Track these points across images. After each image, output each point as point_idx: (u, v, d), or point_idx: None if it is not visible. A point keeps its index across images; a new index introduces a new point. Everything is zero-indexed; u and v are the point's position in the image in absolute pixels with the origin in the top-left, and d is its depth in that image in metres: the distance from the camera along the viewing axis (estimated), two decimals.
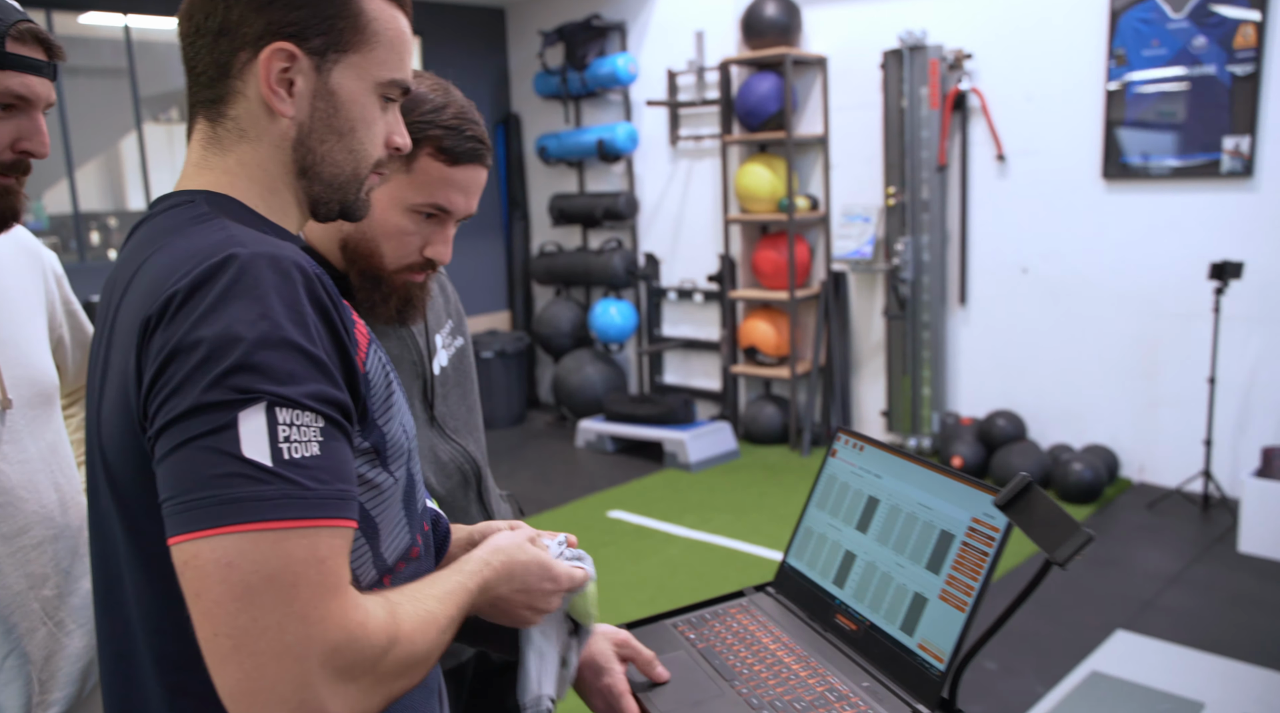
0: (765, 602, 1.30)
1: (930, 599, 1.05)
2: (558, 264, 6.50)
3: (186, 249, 0.77)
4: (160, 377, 0.73)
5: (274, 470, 0.71)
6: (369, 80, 0.89)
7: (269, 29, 0.84)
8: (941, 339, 5.17)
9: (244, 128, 0.87)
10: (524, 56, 6.77)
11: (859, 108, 5.31)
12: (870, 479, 1.21)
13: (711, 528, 4.44)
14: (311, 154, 0.88)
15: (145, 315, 0.75)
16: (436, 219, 1.19)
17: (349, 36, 0.86)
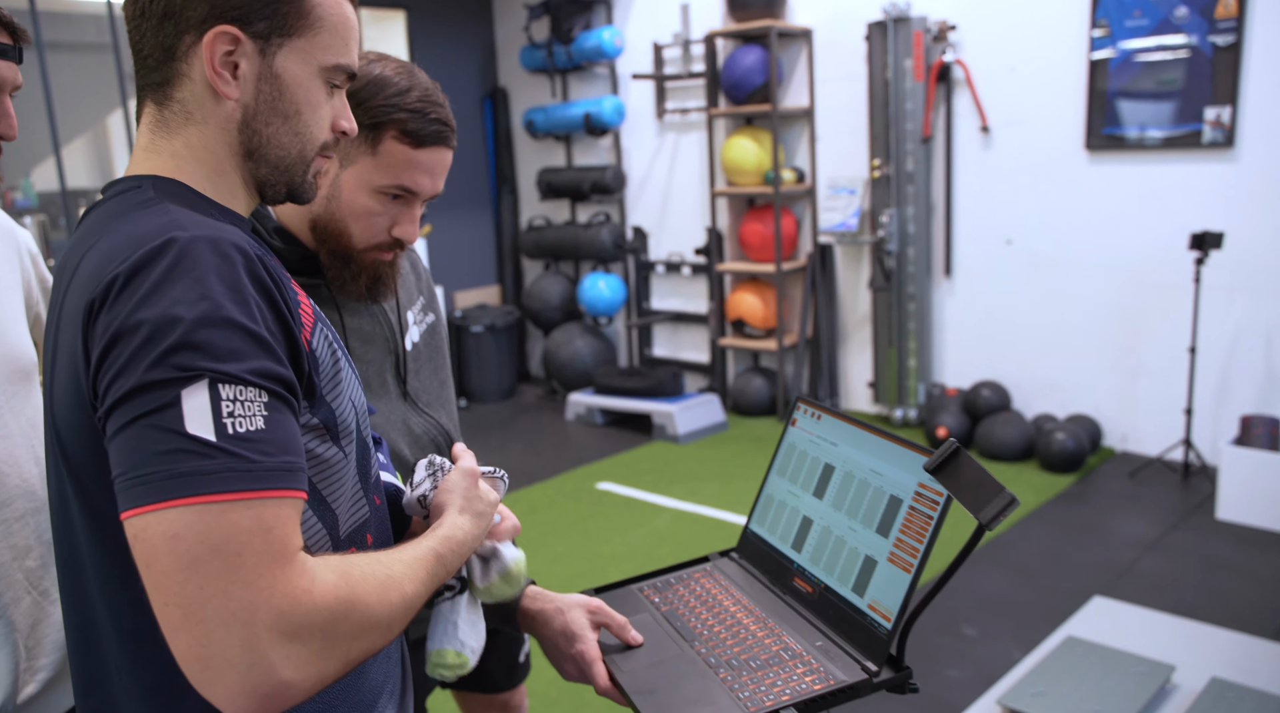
0: (729, 566, 1.35)
1: (880, 562, 1.09)
2: (546, 238, 6.51)
3: (129, 233, 0.79)
4: (105, 358, 0.75)
5: (217, 445, 0.73)
6: (313, 65, 0.90)
7: (212, 13, 0.85)
8: (927, 311, 5.20)
9: (190, 111, 0.88)
10: (510, 30, 6.75)
11: (844, 80, 5.32)
12: (827, 447, 1.25)
13: (699, 499, 4.50)
14: (257, 136, 0.90)
15: (89, 299, 0.77)
16: (403, 200, 1.21)
17: (292, 21, 0.88)
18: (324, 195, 1.20)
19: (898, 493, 1.10)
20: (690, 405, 5.46)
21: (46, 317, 0.89)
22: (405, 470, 1.36)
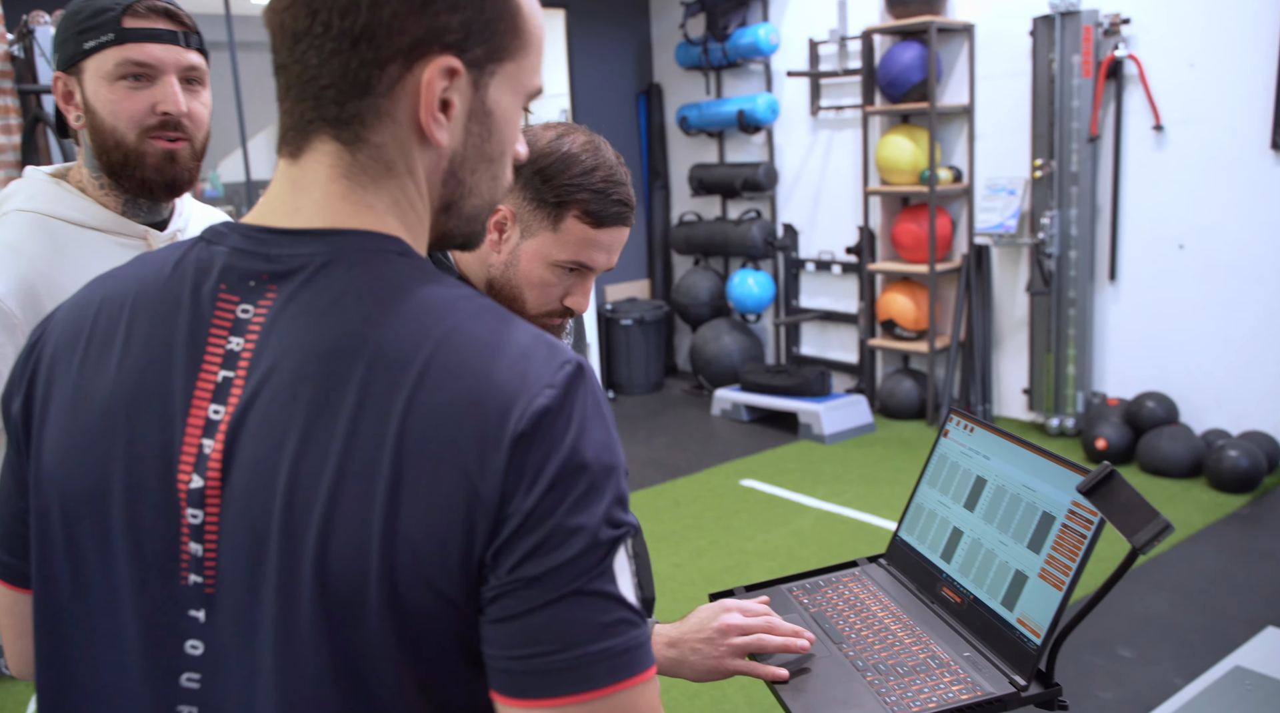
0: (876, 572, 1.38)
1: (1030, 577, 1.11)
2: (697, 234, 6.58)
3: (503, 343, 0.66)
4: (533, 513, 0.62)
5: (639, 611, 0.65)
6: (521, 92, 0.75)
7: (427, 38, 0.67)
8: (1088, 316, 5.01)
9: (391, 159, 0.71)
10: (666, 27, 6.83)
11: (1006, 77, 5.17)
12: (979, 460, 1.26)
13: (843, 500, 4.48)
14: (461, 187, 0.74)
15: (502, 426, 0.63)
16: (578, 273, 1.25)
17: (508, 41, 0.72)
18: (503, 261, 1.25)
19: (1051, 510, 1.11)
20: (837, 406, 5.43)
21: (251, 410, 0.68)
22: None
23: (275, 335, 0.68)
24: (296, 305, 0.68)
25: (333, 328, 0.66)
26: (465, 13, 0.68)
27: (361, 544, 0.63)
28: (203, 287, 0.71)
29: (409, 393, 0.64)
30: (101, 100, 1.27)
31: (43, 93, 3.23)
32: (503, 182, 0.78)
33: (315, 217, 0.71)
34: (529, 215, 1.23)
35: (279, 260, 0.70)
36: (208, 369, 0.69)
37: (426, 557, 0.63)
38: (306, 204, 0.71)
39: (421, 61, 0.68)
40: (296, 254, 0.70)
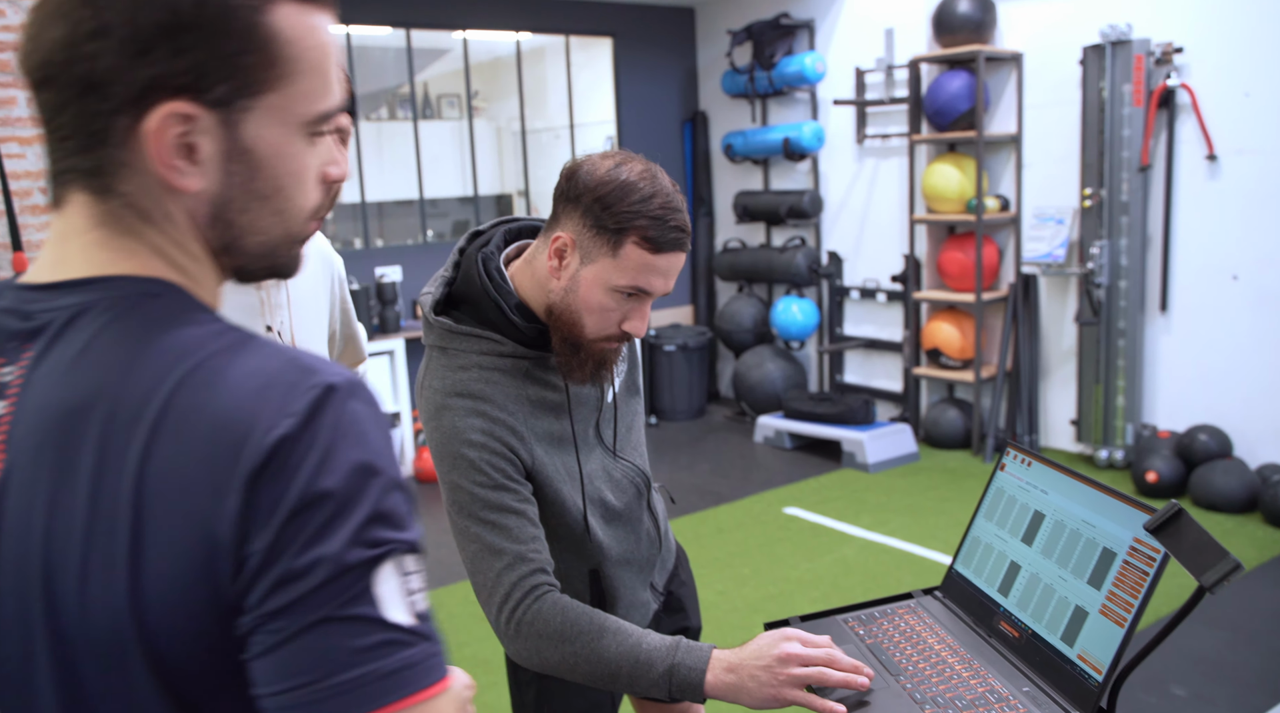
0: (932, 605, 1.38)
1: (1091, 613, 1.10)
2: (741, 261, 6.60)
3: (250, 373, 0.64)
4: (274, 546, 0.61)
5: (414, 629, 0.63)
6: (294, 122, 0.70)
7: (152, 84, 0.64)
8: (1139, 347, 4.95)
9: (144, 207, 0.68)
10: (712, 55, 6.89)
11: (1055, 105, 5.15)
12: (1037, 494, 1.26)
13: (887, 530, 4.45)
14: (232, 228, 0.71)
15: (234, 463, 0.61)
16: (636, 298, 1.29)
17: (261, 74, 0.67)
18: (563, 287, 1.29)
19: (1112, 546, 1.11)
20: (881, 434, 5.40)
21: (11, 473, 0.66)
22: (611, 514, 1.45)
23: (27, 396, 0.66)
24: (47, 363, 0.66)
25: (73, 384, 0.64)
26: (195, 54, 0.64)
27: (115, 607, 0.61)
28: None
29: (144, 444, 0.62)
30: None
31: None
32: (294, 214, 0.73)
33: (76, 268, 0.68)
34: (589, 242, 1.26)
35: (33, 317, 0.68)
36: None
37: (177, 610, 0.61)
38: (70, 254, 0.69)
39: (151, 110, 0.65)
40: (49, 309, 0.67)
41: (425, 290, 1.40)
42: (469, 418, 1.29)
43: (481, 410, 1.30)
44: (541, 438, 1.35)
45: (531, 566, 1.27)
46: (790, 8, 6.24)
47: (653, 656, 1.22)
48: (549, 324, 1.33)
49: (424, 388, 1.35)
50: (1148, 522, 0.92)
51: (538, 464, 1.33)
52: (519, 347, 1.33)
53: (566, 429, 1.38)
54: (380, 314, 5.61)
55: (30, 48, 0.65)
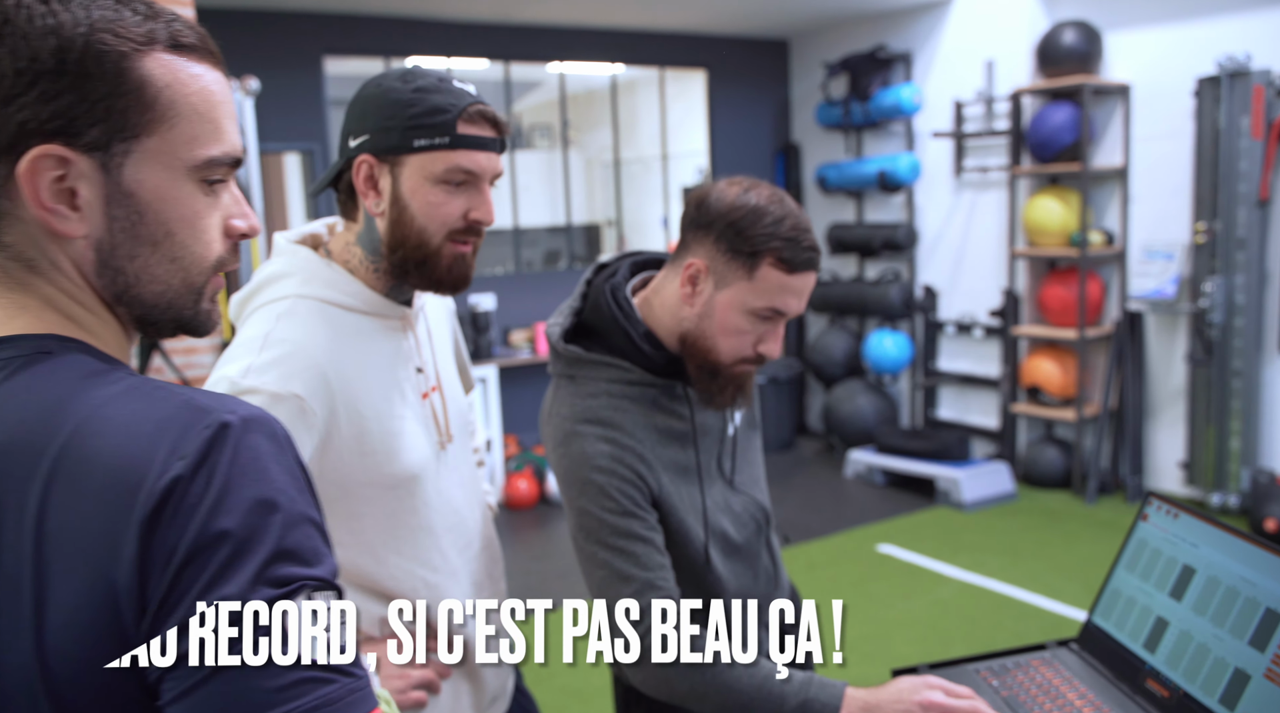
0: (1068, 657, 1.33)
1: (1254, 677, 1.05)
2: (833, 293, 6.54)
3: (140, 417, 0.64)
4: (173, 589, 0.60)
5: (332, 666, 0.62)
6: (178, 167, 0.70)
7: (20, 131, 0.65)
8: (1256, 388, 4.75)
9: (30, 257, 0.68)
10: (806, 87, 6.88)
11: (1165, 137, 5.00)
12: (1186, 548, 1.21)
13: (985, 571, 4.32)
14: (122, 276, 0.70)
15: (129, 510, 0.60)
16: (771, 320, 1.30)
17: (135, 117, 0.67)
18: (697, 314, 1.30)
19: (1276, 606, 1.05)
20: (978, 472, 5.27)
21: None
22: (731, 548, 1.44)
23: None
24: None
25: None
26: (62, 100, 0.65)
27: (22, 665, 0.60)
28: None
29: (39, 497, 0.61)
30: (419, 200, 1.23)
31: None
32: (191, 262, 0.72)
33: None
34: (723, 267, 1.28)
35: None
36: None
37: (84, 663, 0.60)
38: None
39: (25, 157, 0.65)
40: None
41: (552, 321, 1.42)
42: (598, 444, 1.30)
43: (611, 437, 1.30)
44: (667, 467, 1.35)
45: (660, 593, 1.27)
46: (887, 40, 6.20)
47: (785, 689, 1.21)
48: (684, 352, 1.34)
49: (552, 415, 1.36)
50: None
51: (664, 493, 1.33)
52: (647, 374, 1.34)
53: (691, 459, 1.38)
54: (474, 341, 5.69)
55: None
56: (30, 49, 0.64)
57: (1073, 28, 5.11)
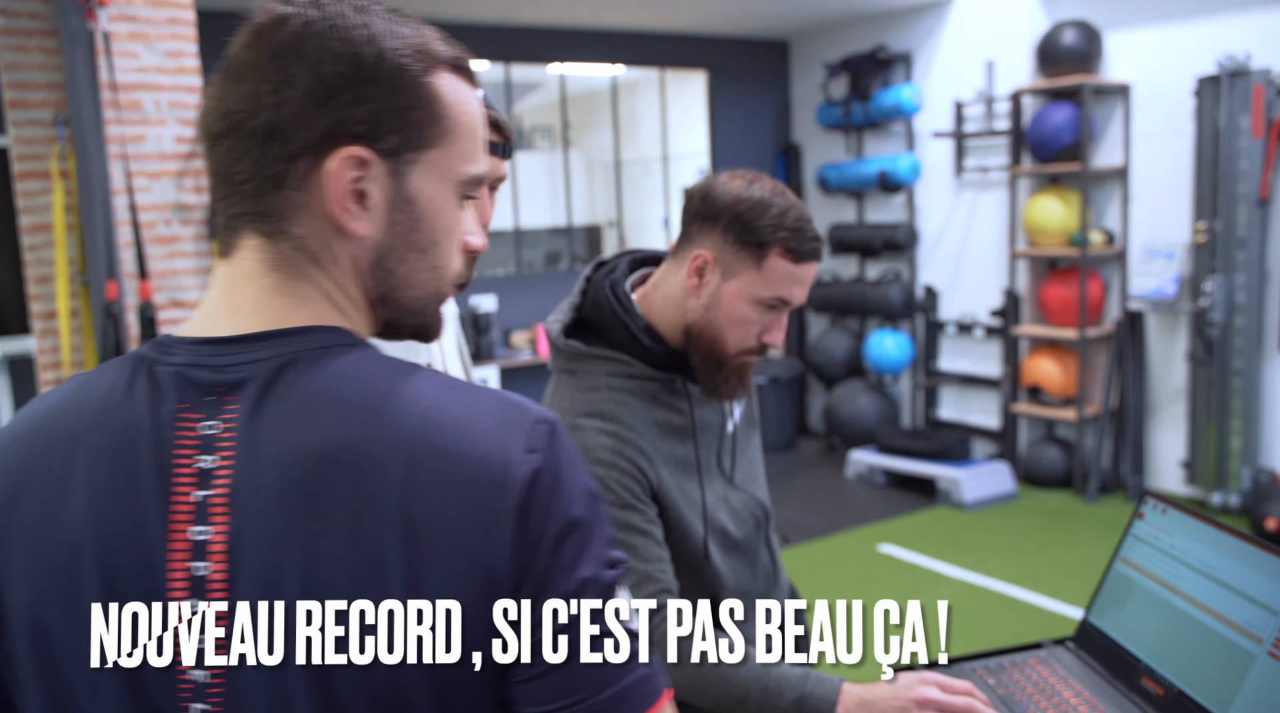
0: (1064, 656, 1.33)
1: (1247, 674, 1.05)
2: (833, 293, 6.54)
3: (483, 411, 0.69)
4: (547, 567, 0.66)
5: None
6: (451, 180, 0.74)
7: (333, 130, 0.68)
8: (1256, 387, 4.75)
9: (315, 251, 0.71)
10: (807, 88, 6.88)
11: (1165, 137, 5.00)
12: (1183, 547, 1.21)
13: (987, 571, 4.33)
14: (391, 278, 0.74)
15: (500, 500, 0.66)
16: (776, 310, 1.32)
17: (426, 130, 0.72)
18: (703, 305, 1.32)
19: (1270, 603, 1.06)
20: (978, 472, 5.27)
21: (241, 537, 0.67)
22: (730, 544, 1.45)
23: (250, 448, 0.67)
24: (265, 416, 0.67)
25: (308, 435, 0.66)
26: (372, 104, 0.69)
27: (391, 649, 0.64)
28: (160, 408, 0.69)
29: (402, 487, 0.64)
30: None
31: None
32: (445, 272, 0.76)
33: (253, 316, 0.71)
34: (731, 257, 1.30)
35: (230, 370, 0.69)
36: (179, 491, 0.67)
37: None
38: (242, 302, 0.71)
39: (330, 154, 0.69)
40: (247, 362, 0.69)
41: (552, 318, 1.43)
42: (599, 437, 1.31)
43: (611, 430, 1.31)
44: (667, 461, 1.35)
45: (659, 585, 1.28)
46: (888, 40, 6.21)
47: (782, 683, 1.21)
48: (689, 344, 1.35)
49: (552, 410, 1.37)
50: None
51: (663, 487, 1.34)
52: (647, 368, 1.35)
53: (690, 454, 1.39)
54: (475, 342, 5.70)
55: (213, 104, 0.70)
56: (347, 57, 0.68)
57: (1073, 27, 5.12)
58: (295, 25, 0.68)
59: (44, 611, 0.68)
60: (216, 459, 0.67)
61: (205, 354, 0.70)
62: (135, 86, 3.25)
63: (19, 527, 0.69)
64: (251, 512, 0.65)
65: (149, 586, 0.66)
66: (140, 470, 0.67)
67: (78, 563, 0.67)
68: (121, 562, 0.67)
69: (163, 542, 0.66)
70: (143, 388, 0.70)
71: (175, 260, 3.36)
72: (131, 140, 3.26)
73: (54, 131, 3.20)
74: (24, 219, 3.25)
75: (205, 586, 0.66)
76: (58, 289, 3.20)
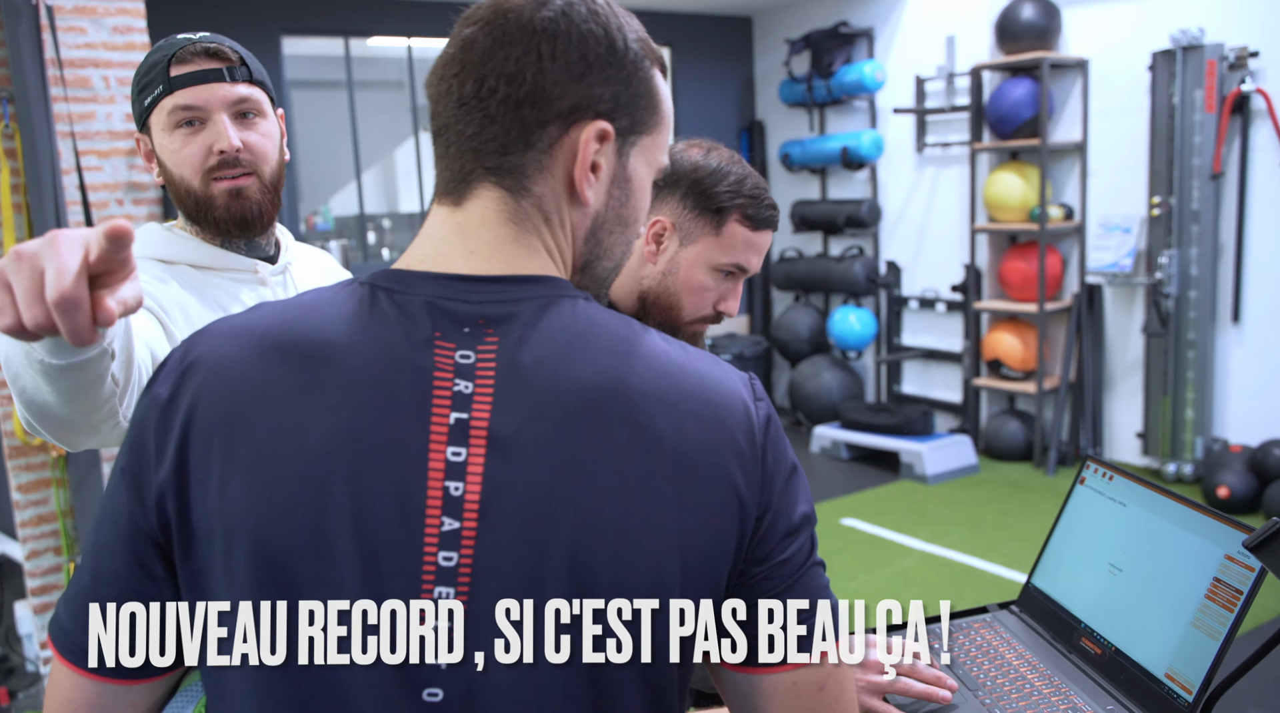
0: (1009, 620, 1.35)
1: (1179, 631, 1.08)
2: (797, 270, 6.57)
3: (710, 367, 0.77)
4: (775, 502, 0.75)
5: None
6: (655, 165, 0.81)
7: (583, 103, 0.75)
8: (1209, 359, 4.83)
9: (547, 211, 0.77)
10: (769, 64, 6.88)
11: (1122, 112, 5.05)
12: (1118, 509, 1.24)
13: (947, 543, 4.39)
14: (599, 247, 0.80)
15: (750, 440, 0.75)
16: (733, 277, 1.33)
17: (648, 117, 0.79)
18: (660, 271, 1.33)
19: (1201, 563, 1.08)
20: (940, 445, 5.33)
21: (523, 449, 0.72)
22: None
23: (515, 379, 0.72)
24: (530, 349, 0.72)
25: (580, 371, 0.72)
26: (615, 86, 0.76)
27: (658, 564, 0.71)
28: (415, 333, 0.73)
29: (667, 423, 0.72)
30: (166, 151, 1.28)
31: None
32: (628, 250, 0.83)
33: (491, 260, 0.76)
34: (689, 223, 1.31)
35: (488, 306, 0.74)
36: (439, 413, 0.71)
37: (712, 561, 0.73)
38: (478, 246, 0.76)
39: (577, 124, 0.75)
40: (503, 300, 0.74)
41: None
42: None
43: None
44: None
45: None
46: (849, 16, 6.21)
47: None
48: (643, 311, 1.36)
49: None
50: (1248, 539, 0.90)
51: None
52: None
53: None
54: None
55: (459, 70, 0.75)
56: (604, 40, 0.75)
57: (1032, 2, 5.14)
58: (559, 5, 0.75)
59: (275, 524, 0.69)
60: (474, 385, 0.72)
61: (456, 290, 0.74)
62: (83, 63, 3.18)
63: (245, 440, 0.71)
64: (518, 439, 0.70)
65: (404, 504, 0.69)
66: (399, 389, 0.71)
67: (326, 476, 0.69)
68: (373, 477, 0.69)
69: (423, 460, 0.70)
70: (392, 314, 0.73)
71: None
72: (80, 118, 3.19)
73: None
74: None
75: (461, 506, 0.70)
76: None
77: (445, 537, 0.69)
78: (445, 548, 0.69)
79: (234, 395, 0.72)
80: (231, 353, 0.73)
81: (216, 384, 0.72)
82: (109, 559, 0.75)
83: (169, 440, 0.72)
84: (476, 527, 0.69)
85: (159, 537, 0.73)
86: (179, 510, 0.72)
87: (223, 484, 0.70)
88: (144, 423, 0.74)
